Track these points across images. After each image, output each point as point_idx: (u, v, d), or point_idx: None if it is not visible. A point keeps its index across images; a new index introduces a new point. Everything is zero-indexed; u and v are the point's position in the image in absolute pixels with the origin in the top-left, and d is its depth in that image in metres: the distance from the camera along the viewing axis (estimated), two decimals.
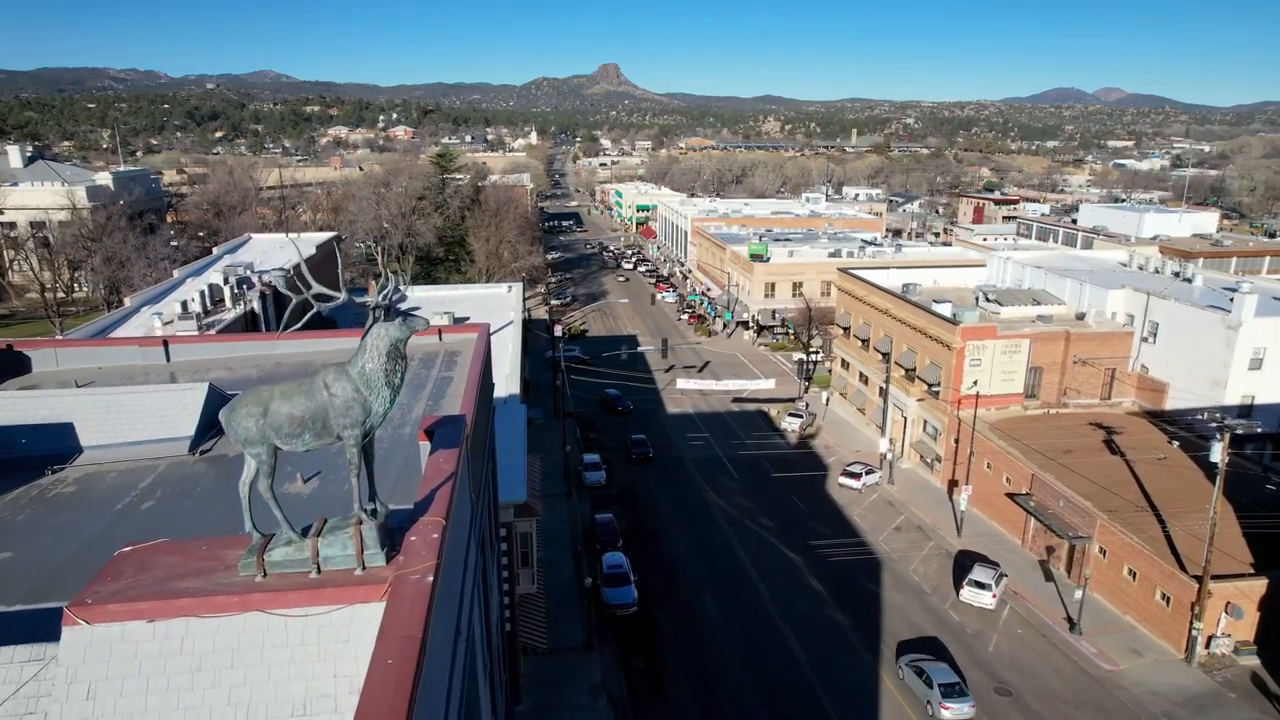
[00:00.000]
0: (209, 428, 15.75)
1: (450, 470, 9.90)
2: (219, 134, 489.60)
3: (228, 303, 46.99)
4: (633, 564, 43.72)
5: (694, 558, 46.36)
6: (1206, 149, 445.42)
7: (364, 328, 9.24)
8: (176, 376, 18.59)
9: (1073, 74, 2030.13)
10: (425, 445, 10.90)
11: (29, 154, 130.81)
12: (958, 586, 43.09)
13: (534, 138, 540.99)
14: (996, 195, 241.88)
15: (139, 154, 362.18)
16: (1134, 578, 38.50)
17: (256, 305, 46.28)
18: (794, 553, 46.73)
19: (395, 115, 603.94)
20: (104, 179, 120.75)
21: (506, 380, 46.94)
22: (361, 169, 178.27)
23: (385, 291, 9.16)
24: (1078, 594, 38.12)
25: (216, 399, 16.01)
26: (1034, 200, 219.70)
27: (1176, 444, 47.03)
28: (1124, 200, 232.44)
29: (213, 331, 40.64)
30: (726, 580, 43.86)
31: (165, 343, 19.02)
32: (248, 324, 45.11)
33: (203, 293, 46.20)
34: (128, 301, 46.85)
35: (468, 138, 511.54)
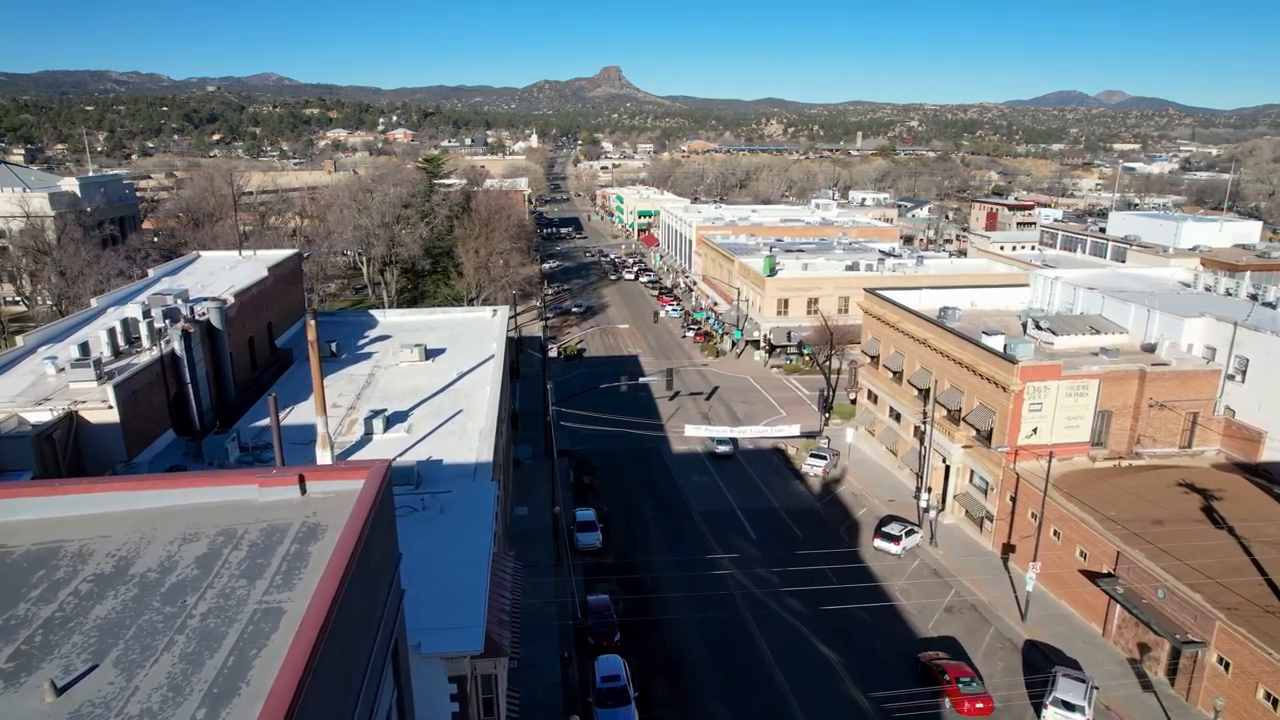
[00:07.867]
0: None
1: None
2: (216, 137, 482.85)
3: (145, 342, 38.83)
4: (632, 666, 35.52)
5: (707, 656, 37.99)
6: (1214, 152, 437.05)
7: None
8: None
9: (1074, 77, 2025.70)
10: None
11: None
12: (1031, 693, 35.07)
13: (534, 141, 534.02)
14: (1010, 200, 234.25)
15: (134, 157, 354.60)
16: (1275, 705, 30.29)
17: (178, 346, 38.05)
18: (829, 648, 38.44)
19: (395, 118, 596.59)
20: (69, 185, 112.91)
21: (480, 437, 38.66)
22: (356, 173, 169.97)
23: None
24: None
25: None
26: (1046, 205, 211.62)
27: None
28: (1137, 205, 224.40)
29: (112, 384, 32.42)
30: (747, 690, 35.57)
31: None
32: (165, 371, 36.99)
33: (112, 330, 38.11)
34: (20, 340, 38.59)
35: (468, 140, 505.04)
